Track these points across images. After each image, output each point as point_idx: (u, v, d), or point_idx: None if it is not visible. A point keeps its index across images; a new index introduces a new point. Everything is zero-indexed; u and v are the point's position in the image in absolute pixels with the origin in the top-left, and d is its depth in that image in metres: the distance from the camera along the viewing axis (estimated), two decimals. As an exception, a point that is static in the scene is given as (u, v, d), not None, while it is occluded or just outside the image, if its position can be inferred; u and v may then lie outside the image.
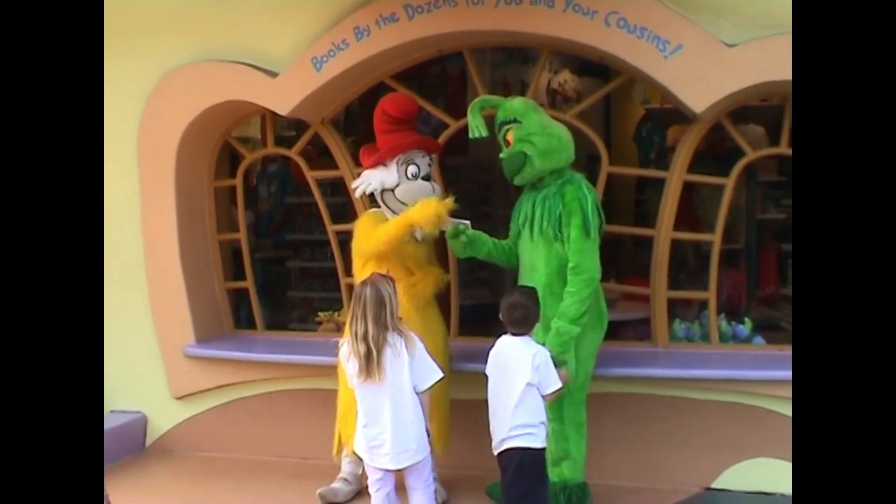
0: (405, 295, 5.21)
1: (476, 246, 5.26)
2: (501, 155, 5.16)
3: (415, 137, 5.50)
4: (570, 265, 4.94)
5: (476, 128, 5.14)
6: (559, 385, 4.62)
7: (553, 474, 5.06)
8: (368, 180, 5.45)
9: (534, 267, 5.08)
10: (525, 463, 4.65)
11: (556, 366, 4.61)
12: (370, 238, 5.18)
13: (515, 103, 5.19)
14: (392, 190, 5.40)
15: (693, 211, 7.18)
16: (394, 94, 5.67)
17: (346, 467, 5.55)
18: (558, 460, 5.06)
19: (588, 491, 5.11)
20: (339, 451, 5.55)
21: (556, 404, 4.96)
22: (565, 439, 5.05)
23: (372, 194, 5.53)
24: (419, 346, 4.51)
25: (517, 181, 5.16)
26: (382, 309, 4.39)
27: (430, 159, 5.53)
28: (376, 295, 4.40)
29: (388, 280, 4.52)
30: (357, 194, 5.59)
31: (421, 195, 5.32)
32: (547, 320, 4.92)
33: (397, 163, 5.37)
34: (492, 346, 4.69)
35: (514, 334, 4.65)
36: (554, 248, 5.00)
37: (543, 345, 4.69)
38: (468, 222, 5.17)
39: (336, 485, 5.48)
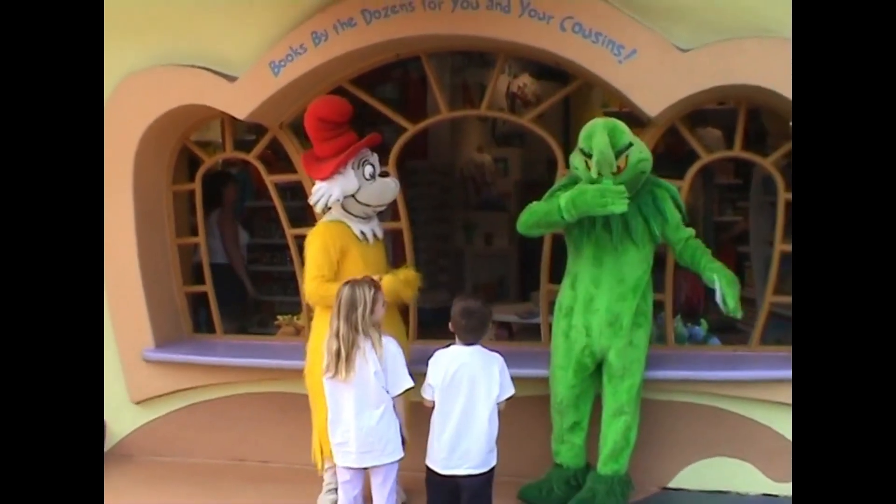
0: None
1: None
2: (616, 181, 4.86)
3: (362, 138, 5.31)
4: (689, 236, 5.14)
5: (612, 164, 4.87)
6: (513, 391, 4.62)
7: (606, 468, 5.15)
8: (329, 191, 5.19)
9: (620, 275, 5.08)
10: (489, 482, 4.61)
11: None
12: (321, 292, 5.07)
13: (622, 126, 5.05)
14: (353, 195, 5.25)
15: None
16: (324, 99, 5.48)
17: (330, 478, 5.31)
18: (620, 450, 5.14)
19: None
20: (323, 462, 5.31)
21: (634, 397, 5.12)
22: (629, 429, 5.16)
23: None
24: (390, 350, 4.57)
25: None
26: (353, 311, 4.48)
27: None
28: (350, 297, 4.51)
29: (368, 285, 4.57)
30: (319, 208, 5.36)
31: (385, 193, 5.38)
32: (644, 314, 5.13)
33: (352, 167, 5.22)
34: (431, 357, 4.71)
35: (466, 343, 4.60)
36: (646, 252, 5.12)
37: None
38: None
39: (327, 498, 5.31)
